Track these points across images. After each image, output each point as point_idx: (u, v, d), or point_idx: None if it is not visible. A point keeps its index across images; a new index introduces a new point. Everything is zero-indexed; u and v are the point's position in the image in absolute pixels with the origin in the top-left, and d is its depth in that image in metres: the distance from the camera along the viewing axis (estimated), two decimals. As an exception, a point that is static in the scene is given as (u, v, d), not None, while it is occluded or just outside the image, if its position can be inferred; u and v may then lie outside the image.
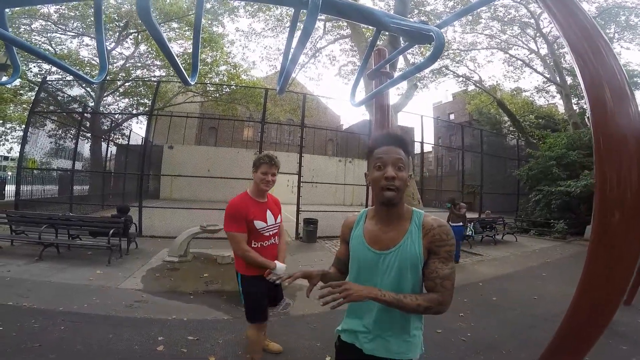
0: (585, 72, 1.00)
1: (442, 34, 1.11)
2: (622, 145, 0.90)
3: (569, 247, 9.24)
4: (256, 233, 2.22)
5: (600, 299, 0.97)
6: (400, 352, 1.20)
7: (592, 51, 0.98)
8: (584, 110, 16.42)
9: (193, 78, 1.73)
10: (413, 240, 1.18)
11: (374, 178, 1.19)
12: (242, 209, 2.18)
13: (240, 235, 2.17)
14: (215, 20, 15.85)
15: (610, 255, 0.93)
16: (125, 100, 18.63)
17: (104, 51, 1.38)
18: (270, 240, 2.30)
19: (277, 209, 2.43)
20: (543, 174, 12.23)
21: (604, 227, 0.93)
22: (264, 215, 2.27)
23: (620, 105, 0.92)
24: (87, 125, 14.69)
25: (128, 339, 2.86)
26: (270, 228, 2.30)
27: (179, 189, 18.02)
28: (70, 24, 14.74)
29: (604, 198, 0.92)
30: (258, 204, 2.27)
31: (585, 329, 1.03)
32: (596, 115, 0.97)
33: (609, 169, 0.91)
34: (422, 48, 14.09)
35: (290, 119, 20.38)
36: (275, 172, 2.29)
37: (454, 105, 31.37)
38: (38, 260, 5.13)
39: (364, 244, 1.25)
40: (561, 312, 3.00)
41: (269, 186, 2.27)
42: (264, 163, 2.23)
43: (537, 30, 15.88)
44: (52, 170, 11.59)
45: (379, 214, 1.26)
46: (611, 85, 0.93)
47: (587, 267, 1.00)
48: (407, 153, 1.22)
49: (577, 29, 1.02)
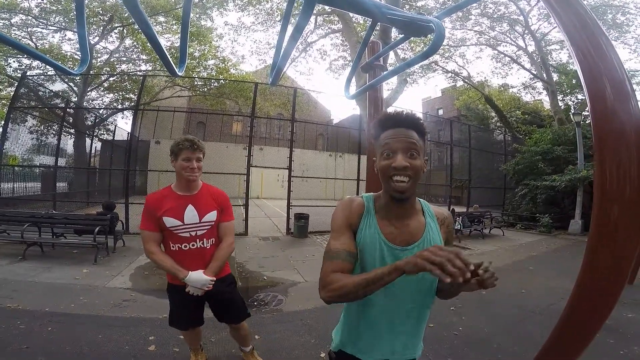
0: (585, 67, 0.99)
1: (442, 25, 1.09)
2: (622, 140, 0.90)
3: (554, 241, 9.46)
4: (169, 233, 1.90)
5: (600, 293, 0.98)
6: (414, 353, 1.15)
7: (592, 46, 0.97)
8: (569, 106, 16.78)
9: (181, 69, 1.67)
10: (433, 233, 1.08)
11: (381, 167, 1.00)
12: (154, 203, 1.91)
13: (147, 233, 1.89)
14: (204, 14, 15.53)
15: (610, 249, 0.93)
16: (110, 95, 18.20)
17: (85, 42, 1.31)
18: (193, 242, 1.92)
19: (211, 204, 1.99)
20: (529, 169, 12.48)
21: (604, 221, 0.93)
22: (179, 211, 1.90)
23: (620, 100, 0.92)
24: (70, 121, 14.28)
25: (118, 339, 2.80)
26: (189, 228, 1.91)
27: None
28: (52, 18, 14.23)
29: (603, 192, 0.92)
30: (177, 198, 1.94)
31: (584, 324, 1.03)
32: (596, 110, 0.96)
33: (609, 163, 0.91)
34: (411, 43, 14.15)
35: (280, 113, 20.22)
36: (201, 157, 1.93)
37: (443, 100, 31.60)
38: (21, 260, 4.97)
39: (383, 240, 1.04)
40: (549, 306, 3.04)
41: (195, 174, 1.92)
42: (184, 148, 1.88)
43: (526, 28, 16.09)
44: (34, 167, 11.25)
45: (389, 207, 1.06)
46: (611, 80, 0.93)
47: (587, 261, 1.00)
48: (422, 135, 1.02)
49: (578, 24, 1.01)
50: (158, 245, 1.94)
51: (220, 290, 2.01)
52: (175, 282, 1.94)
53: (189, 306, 2.01)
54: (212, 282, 1.90)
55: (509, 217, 12.66)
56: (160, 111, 15.03)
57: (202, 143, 1.96)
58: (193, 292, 1.87)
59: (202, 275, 1.87)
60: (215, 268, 1.95)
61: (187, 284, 1.86)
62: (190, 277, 1.85)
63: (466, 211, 10.68)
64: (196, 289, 1.86)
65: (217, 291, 1.97)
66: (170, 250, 1.94)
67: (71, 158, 14.39)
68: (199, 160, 1.92)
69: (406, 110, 1.07)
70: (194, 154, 1.89)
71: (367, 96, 2.47)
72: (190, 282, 1.85)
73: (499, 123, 20.02)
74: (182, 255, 1.92)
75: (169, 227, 1.88)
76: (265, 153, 21.37)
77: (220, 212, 2.03)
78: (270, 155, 20.70)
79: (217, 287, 1.95)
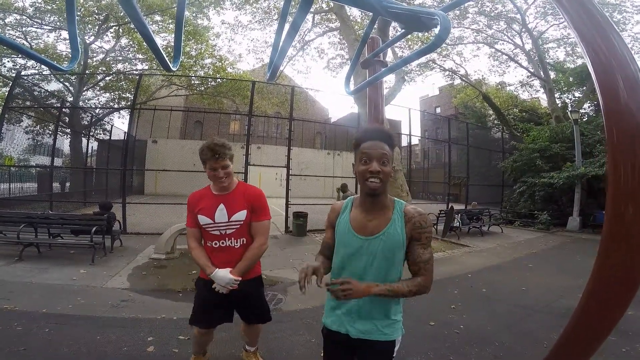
0: (597, 64, 0.96)
1: (447, 18, 1.06)
2: (637, 136, 0.87)
3: (553, 238, 9.49)
4: (203, 230, 1.99)
5: (614, 294, 0.95)
6: (386, 334, 1.34)
7: (603, 42, 0.95)
8: (566, 104, 16.84)
9: (175, 64, 1.63)
10: (396, 227, 1.31)
11: (360, 171, 1.28)
12: (192, 201, 2.02)
13: (189, 229, 2.02)
14: (200, 12, 15.43)
15: (625, 249, 0.90)
16: (106, 95, 18.07)
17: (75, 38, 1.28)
18: (223, 241, 1.97)
19: (241, 203, 2.00)
20: (527, 166, 12.52)
21: (618, 220, 0.91)
22: (211, 210, 1.96)
23: (633, 95, 0.89)
24: (66, 121, 14.17)
25: (116, 340, 2.77)
26: (219, 226, 1.96)
27: (164, 184, 17.69)
28: (46, 17, 14.08)
29: (617, 190, 0.90)
30: (212, 197, 2.00)
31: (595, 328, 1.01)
32: (608, 107, 0.94)
33: (622, 160, 0.89)
34: (409, 42, 14.13)
35: (278, 112, 20.16)
36: (227, 164, 1.92)
37: (441, 98, 31.64)
38: (18, 261, 4.92)
39: (350, 230, 1.35)
40: (549, 303, 3.03)
41: (224, 181, 1.94)
42: (207, 159, 1.90)
43: (523, 26, 16.09)
44: (30, 168, 11.15)
45: (364, 204, 1.35)
46: (624, 76, 0.91)
47: (600, 262, 0.97)
48: (392, 147, 1.31)
49: (588, 20, 0.99)
50: (198, 241, 2.03)
51: (245, 291, 2.00)
52: (204, 276, 2.00)
53: (212, 302, 2.02)
54: (236, 282, 1.90)
55: (507, 215, 12.70)
56: (157, 110, 14.94)
57: (225, 148, 1.91)
58: (219, 289, 1.90)
59: (227, 274, 1.89)
60: (242, 268, 1.95)
61: (213, 280, 1.90)
62: (216, 274, 1.88)
63: (465, 208, 10.70)
64: (221, 286, 1.89)
65: (243, 291, 1.97)
66: (206, 246, 2.02)
67: (68, 158, 14.30)
68: (225, 167, 1.92)
69: (380, 127, 1.44)
70: (217, 163, 1.89)
71: (367, 94, 2.43)
72: (215, 278, 1.89)
73: (496, 121, 20.04)
74: (212, 253, 1.99)
75: (202, 224, 1.96)
76: (263, 152, 21.33)
77: (252, 212, 2.02)
78: (269, 153, 20.67)
79: (244, 287, 1.95)
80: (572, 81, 15.97)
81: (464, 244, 7.95)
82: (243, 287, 1.95)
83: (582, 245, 8.23)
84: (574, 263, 6.27)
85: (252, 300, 2.14)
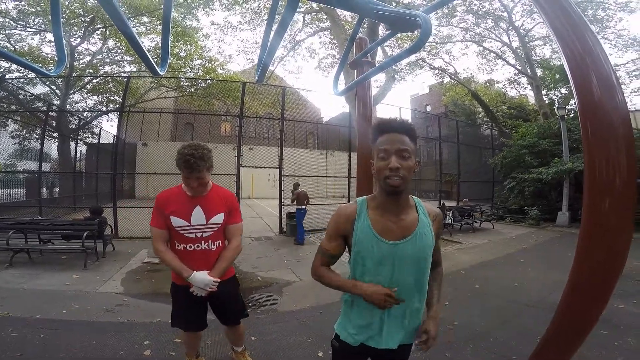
0: (571, 61, 1.00)
1: (429, 20, 1.10)
2: (610, 132, 0.91)
3: (543, 233, 9.64)
4: (175, 232, 1.89)
5: (594, 287, 0.99)
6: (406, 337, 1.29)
7: (578, 41, 0.99)
8: (553, 100, 17.12)
9: (163, 68, 1.64)
10: (425, 226, 1.21)
11: (378, 168, 1.15)
12: (163, 201, 1.90)
13: (156, 230, 1.89)
14: (189, 13, 15.31)
15: (602, 243, 0.94)
16: (94, 98, 17.80)
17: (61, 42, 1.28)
18: (198, 244, 1.91)
19: (219, 206, 1.97)
20: (516, 162, 12.72)
21: (595, 213, 0.95)
22: (187, 211, 1.89)
23: (607, 93, 0.93)
24: (54, 125, 13.93)
25: (113, 345, 2.75)
26: (196, 229, 1.90)
27: (155, 187, 17.47)
28: (30, 19, 13.81)
29: (593, 185, 0.94)
30: (186, 198, 1.92)
31: (580, 319, 1.04)
32: (584, 103, 0.98)
33: (598, 155, 0.93)
34: (399, 40, 14.22)
35: (269, 112, 20.10)
36: (202, 176, 1.83)
37: (431, 97, 31.89)
38: (8, 267, 4.85)
39: (375, 235, 1.18)
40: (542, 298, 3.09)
41: (197, 192, 1.90)
42: (182, 168, 1.80)
43: (510, 24, 16.34)
44: (17, 173, 10.95)
45: (385, 204, 1.20)
46: (598, 74, 0.95)
47: (579, 256, 1.01)
48: (413, 140, 1.17)
49: (564, 18, 1.03)
50: (166, 243, 1.94)
51: (223, 292, 1.98)
52: (180, 282, 1.94)
53: (191, 307, 2.00)
54: (215, 283, 1.88)
55: (498, 210, 12.87)
56: (147, 113, 14.76)
57: (202, 160, 1.80)
58: (197, 293, 1.86)
59: (206, 276, 1.85)
60: (220, 269, 1.93)
61: (191, 283, 1.85)
62: (195, 277, 1.83)
63: (456, 205, 10.81)
64: (200, 289, 1.85)
65: (220, 292, 1.94)
66: (175, 249, 1.93)
67: (56, 163, 14.06)
68: (200, 179, 1.84)
69: (399, 118, 1.25)
70: (191, 174, 1.80)
71: (356, 93, 2.46)
72: (194, 281, 1.84)
73: (485, 118, 20.34)
74: (186, 256, 1.91)
75: (175, 226, 1.88)
76: (255, 153, 21.24)
77: (228, 215, 2.00)
78: (261, 154, 20.58)
79: (220, 288, 1.93)
80: (559, 78, 16.26)
81: (456, 241, 8.05)
82: (221, 288, 1.94)
83: (571, 240, 8.35)
84: (565, 258, 6.31)
85: (229, 300, 2.13)
